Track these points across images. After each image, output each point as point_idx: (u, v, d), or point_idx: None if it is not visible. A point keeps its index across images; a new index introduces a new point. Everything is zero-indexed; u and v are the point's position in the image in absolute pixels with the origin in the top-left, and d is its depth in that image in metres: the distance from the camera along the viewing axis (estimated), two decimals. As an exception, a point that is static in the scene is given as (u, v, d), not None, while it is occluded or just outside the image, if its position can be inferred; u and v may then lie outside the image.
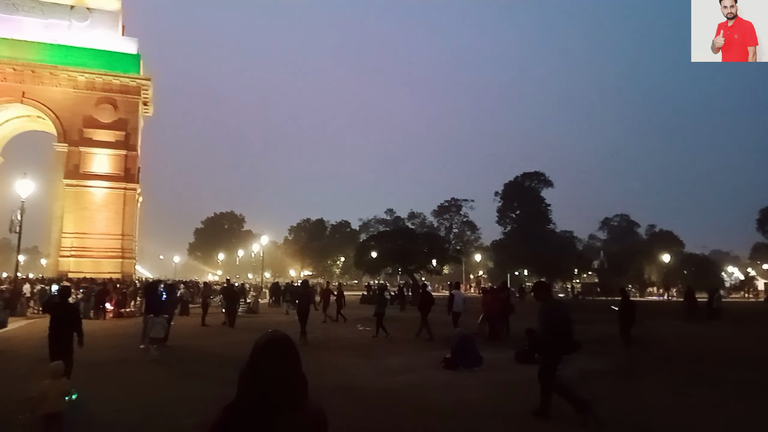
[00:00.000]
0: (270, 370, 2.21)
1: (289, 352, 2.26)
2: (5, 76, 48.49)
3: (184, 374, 13.56)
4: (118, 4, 54.08)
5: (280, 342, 2.29)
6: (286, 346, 2.26)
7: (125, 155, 51.35)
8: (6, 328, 22.15)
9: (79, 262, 48.33)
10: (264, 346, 2.29)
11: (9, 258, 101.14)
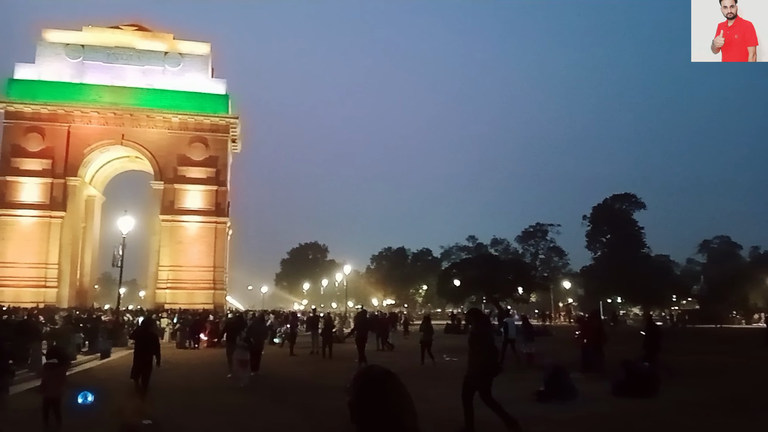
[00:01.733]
0: (405, 400, 2.20)
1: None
2: (107, 121, 52.34)
3: (277, 402, 13.66)
4: (207, 48, 57.40)
5: (393, 374, 2.36)
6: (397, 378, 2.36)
7: (216, 191, 53.80)
8: (109, 357, 23.33)
9: (175, 293, 50.68)
10: (387, 377, 2.27)
11: (111, 291, 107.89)
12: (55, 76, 52.28)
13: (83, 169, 52.46)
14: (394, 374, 2.43)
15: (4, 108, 50.54)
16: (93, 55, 53.60)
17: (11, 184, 50.16)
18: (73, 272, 52.06)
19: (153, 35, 56.64)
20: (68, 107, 51.13)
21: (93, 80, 52.73)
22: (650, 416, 11.39)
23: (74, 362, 21.83)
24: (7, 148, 50.40)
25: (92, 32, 55.11)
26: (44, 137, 50.95)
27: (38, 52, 53.04)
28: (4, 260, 49.08)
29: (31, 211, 50.31)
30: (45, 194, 50.61)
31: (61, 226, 50.54)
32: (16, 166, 50.34)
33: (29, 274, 49.02)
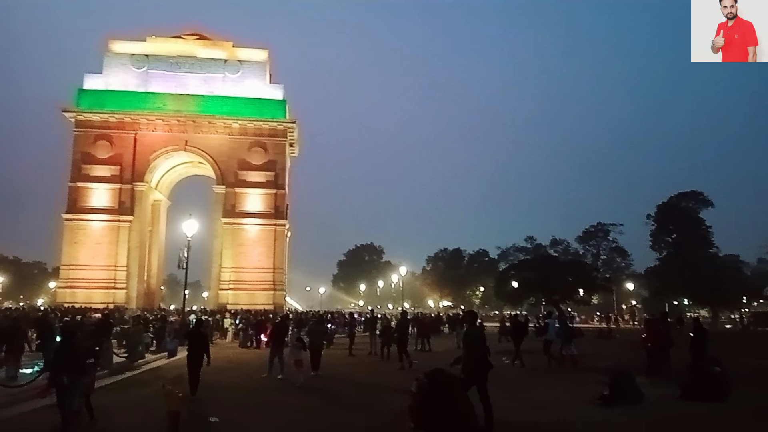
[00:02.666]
0: (469, 406, 2.06)
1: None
2: (171, 128, 54.27)
3: (335, 403, 13.74)
4: (265, 54, 58.68)
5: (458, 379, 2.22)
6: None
7: (275, 194, 54.94)
8: (176, 356, 24.00)
9: (237, 294, 52.02)
10: (453, 382, 2.13)
11: (176, 292, 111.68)
12: (121, 85, 54.61)
13: (149, 174, 54.56)
14: (459, 379, 2.31)
15: (75, 117, 53.17)
16: (157, 65, 55.71)
17: (82, 190, 52.70)
18: (141, 274, 54.20)
19: (213, 43, 58.37)
20: (134, 115, 53.34)
21: (157, 89, 54.81)
22: (722, 422, 10.86)
23: (143, 361, 22.64)
24: (78, 155, 52.97)
25: (156, 42, 57.27)
26: (112, 145, 53.31)
27: (105, 62, 55.53)
28: (77, 263, 51.65)
29: (101, 216, 52.67)
30: (114, 199, 52.91)
31: (129, 230, 52.75)
32: (86, 173, 52.87)
33: (100, 276, 51.37)
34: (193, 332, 15.50)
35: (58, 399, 9.44)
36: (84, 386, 10.10)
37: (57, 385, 9.46)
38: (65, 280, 52.10)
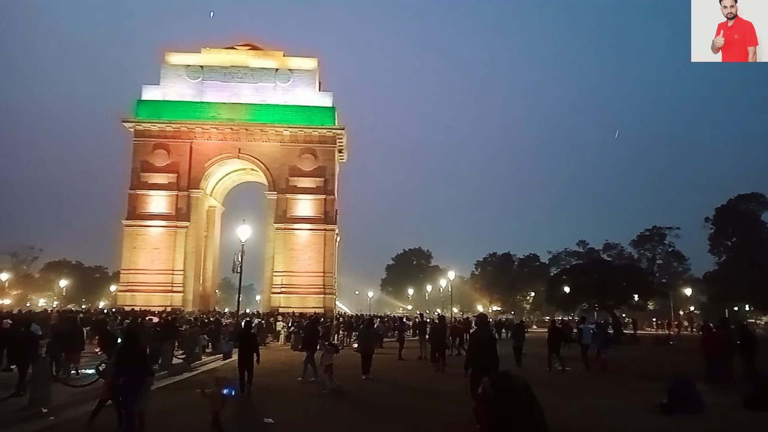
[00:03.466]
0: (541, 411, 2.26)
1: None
2: (225, 136, 55.91)
3: (385, 406, 13.89)
4: (314, 63, 59.76)
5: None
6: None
7: (324, 199, 55.84)
8: (231, 358, 24.74)
9: (288, 297, 53.09)
10: (526, 386, 2.32)
11: (230, 295, 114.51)
12: (177, 95, 56.61)
13: (204, 181, 56.32)
14: (524, 382, 2.47)
15: (134, 127, 55.40)
16: (211, 75, 57.50)
17: (141, 197, 54.85)
18: (197, 278, 55.97)
19: (264, 53, 59.82)
20: (190, 124, 55.21)
21: (212, 98, 56.56)
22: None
23: (199, 362, 23.48)
24: (137, 164, 55.16)
25: (210, 53, 59.12)
26: (169, 153, 55.30)
27: (162, 74, 57.66)
28: (136, 267, 53.78)
29: (159, 222, 54.69)
30: (171, 206, 54.84)
31: (186, 235, 54.56)
32: (145, 181, 55.01)
33: (158, 280, 53.32)
34: (243, 334, 16.42)
35: (119, 400, 9.76)
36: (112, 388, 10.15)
37: (117, 386, 9.84)
38: (125, 283, 54.33)
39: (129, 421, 9.57)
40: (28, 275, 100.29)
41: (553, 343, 22.15)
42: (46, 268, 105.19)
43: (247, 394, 14.79)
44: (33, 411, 11.71)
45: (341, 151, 61.10)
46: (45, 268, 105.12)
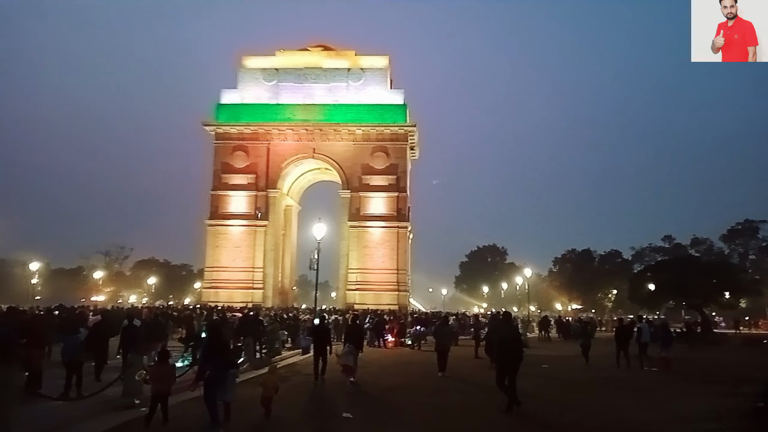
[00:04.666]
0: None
1: None
2: (300, 137, 57.19)
3: (462, 404, 13.69)
4: (386, 61, 60.05)
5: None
6: None
7: (397, 197, 56.06)
8: (309, 353, 25.23)
9: (363, 294, 53.74)
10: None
11: (307, 292, 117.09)
12: (254, 98, 58.42)
13: (281, 181, 57.88)
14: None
15: (214, 130, 57.70)
16: (286, 77, 58.94)
17: (222, 198, 57.08)
18: (276, 275, 57.65)
19: (337, 53, 60.67)
20: (267, 126, 56.87)
21: (286, 100, 57.99)
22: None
23: (279, 357, 24.09)
24: (218, 166, 57.43)
25: (284, 56, 60.63)
26: (248, 155, 57.22)
27: (240, 78, 59.67)
28: (219, 265, 56.08)
29: (240, 221, 56.73)
30: (250, 206, 56.77)
31: (265, 234, 56.36)
32: (225, 182, 57.19)
33: (239, 277, 55.35)
34: (317, 329, 18.48)
35: (204, 392, 10.08)
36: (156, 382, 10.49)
37: (203, 379, 10.18)
38: (209, 280, 56.78)
39: (213, 411, 9.91)
40: (119, 273, 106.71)
41: (620, 341, 22.59)
42: (136, 266, 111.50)
43: (322, 383, 15.49)
44: (126, 401, 12.33)
45: (413, 148, 61.13)
46: (135, 266, 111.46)
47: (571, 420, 11.90)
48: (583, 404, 13.94)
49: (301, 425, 11.12)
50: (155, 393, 10.49)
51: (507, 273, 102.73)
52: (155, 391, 10.52)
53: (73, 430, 9.89)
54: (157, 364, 11.51)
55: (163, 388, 10.59)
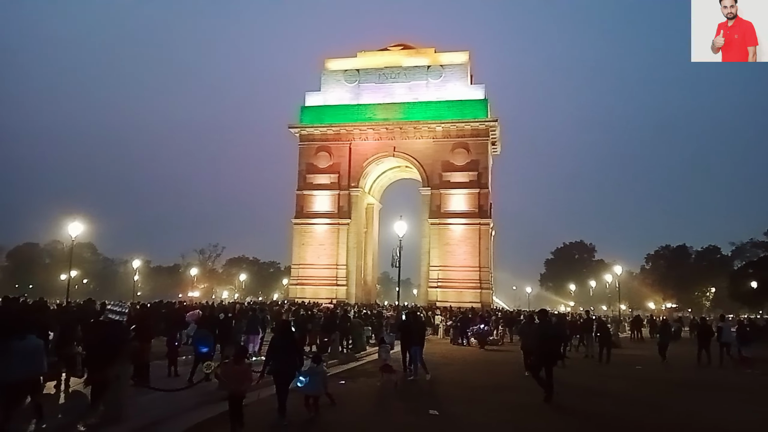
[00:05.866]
0: None
1: None
2: (381, 136, 57.83)
3: (556, 405, 13.43)
4: (466, 57, 59.56)
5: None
6: None
7: (478, 193, 55.45)
8: (394, 349, 25.52)
9: (445, 292, 53.64)
10: None
11: (389, 289, 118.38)
12: (337, 100, 59.66)
13: (363, 180, 58.80)
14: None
15: (299, 132, 59.43)
16: (366, 78, 59.79)
17: (307, 198, 58.74)
18: (359, 272, 58.66)
19: (416, 52, 60.83)
20: (349, 126, 57.94)
21: (368, 100, 58.82)
22: None
23: (363, 353, 24.54)
24: (303, 166, 59.13)
25: (365, 57, 61.50)
26: (331, 155, 58.54)
27: (322, 80, 61.10)
28: (305, 262, 57.78)
29: (323, 220, 58.17)
30: (333, 204, 58.07)
31: (348, 232, 57.47)
32: (310, 182, 58.80)
33: (324, 274, 56.78)
34: (404, 323, 19.18)
35: (275, 385, 10.49)
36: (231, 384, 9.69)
37: (274, 374, 10.47)
38: (296, 277, 58.63)
39: (282, 402, 10.26)
40: (213, 270, 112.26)
41: (702, 340, 22.87)
42: (228, 263, 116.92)
43: (413, 377, 15.75)
44: (223, 393, 12.99)
45: (494, 144, 60.30)
46: (227, 263, 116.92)
47: (670, 423, 11.45)
48: (680, 405, 13.37)
49: (387, 421, 11.31)
50: (230, 394, 9.64)
51: (595, 270, 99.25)
52: (230, 393, 9.66)
53: (182, 419, 10.51)
54: (231, 363, 10.53)
55: (238, 389, 9.64)
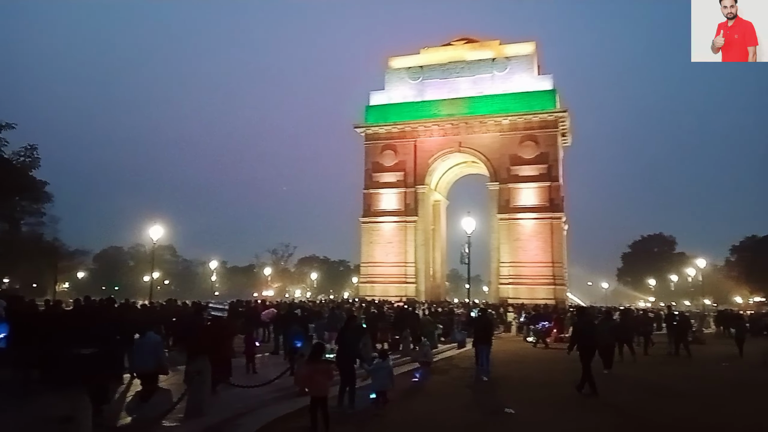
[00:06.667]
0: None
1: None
2: (446, 131, 57.39)
3: (638, 406, 12.93)
4: (532, 47, 58.17)
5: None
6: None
7: (548, 186, 54.03)
8: (465, 347, 25.32)
9: (516, 288, 52.62)
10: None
11: (458, 286, 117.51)
12: (400, 98, 59.67)
13: (429, 177, 58.52)
14: None
15: (364, 131, 59.87)
16: (430, 74, 59.49)
17: (374, 196, 59.10)
18: (427, 269, 58.50)
19: (480, 45, 59.93)
20: (413, 124, 57.83)
21: (432, 96, 58.50)
22: None
23: (436, 350, 24.37)
24: (369, 165, 59.51)
25: (428, 53, 61.19)
26: (396, 153, 58.63)
27: (386, 79, 61.26)
28: (373, 260, 58.23)
29: (390, 218, 58.36)
30: (400, 202, 58.14)
31: (415, 229, 57.39)
32: (376, 180, 59.12)
33: (392, 272, 56.99)
34: (476, 319, 19.92)
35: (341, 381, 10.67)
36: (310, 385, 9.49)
37: (341, 369, 10.73)
38: (365, 275, 59.22)
39: (351, 396, 10.55)
40: (285, 269, 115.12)
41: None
42: (300, 262, 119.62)
43: (486, 371, 15.59)
44: (297, 388, 13.24)
45: (565, 135, 58.56)
46: (299, 262, 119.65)
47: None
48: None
49: (462, 418, 11.19)
50: (311, 398, 9.26)
51: (676, 264, 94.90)
52: (310, 396, 9.32)
53: (261, 414, 10.80)
54: (308, 362, 10.02)
55: (317, 391, 9.23)
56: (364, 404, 11.33)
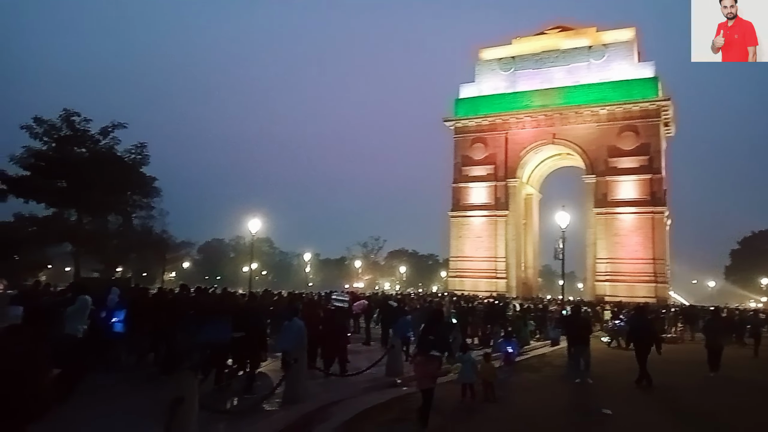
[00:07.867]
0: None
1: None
2: (538, 123, 55.82)
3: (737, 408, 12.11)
4: (631, 33, 55.33)
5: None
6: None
7: (650, 179, 51.27)
8: (558, 345, 24.62)
9: (614, 286, 50.37)
10: None
11: (551, 282, 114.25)
12: (491, 89, 58.65)
13: (520, 170, 57.21)
14: None
15: (453, 125, 59.43)
16: (522, 64, 58.05)
17: (463, 190, 58.57)
18: (518, 265, 57.25)
19: (576, 33, 57.72)
20: (505, 116, 56.70)
21: (524, 87, 57.08)
22: None
23: (528, 347, 23.94)
24: (458, 159, 59.01)
25: (520, 43, 59.73)
26: (486, 146, 57.75)
27: (477, 71, 60.41)
28: (462, 255, 57.81)
29: (480, 212, 57.63)
30: (490, 196, 57.26)
31: (506, 224, 56.37)
32: (466, 174, 58.54)
33: (482, 267, 56.33)
34: (568, 317, 19.34)
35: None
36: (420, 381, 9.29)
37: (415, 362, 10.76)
38: (454, 270, 58.89)
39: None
40: (375, 263, 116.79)
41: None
42: (389, 256, 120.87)
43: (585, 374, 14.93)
44: (389, 380, 13.46)
45: (668, 125, 55.24)
46: (388, 256, 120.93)
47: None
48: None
49: (558, 418, 10.94)
50: (422, 390, 9.21)
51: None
52: (420, 388, 9.29)
53: (352, 402, 11.08)
54: (420, 354, 9.68)
55: (429, 382, 9.16)
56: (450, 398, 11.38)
